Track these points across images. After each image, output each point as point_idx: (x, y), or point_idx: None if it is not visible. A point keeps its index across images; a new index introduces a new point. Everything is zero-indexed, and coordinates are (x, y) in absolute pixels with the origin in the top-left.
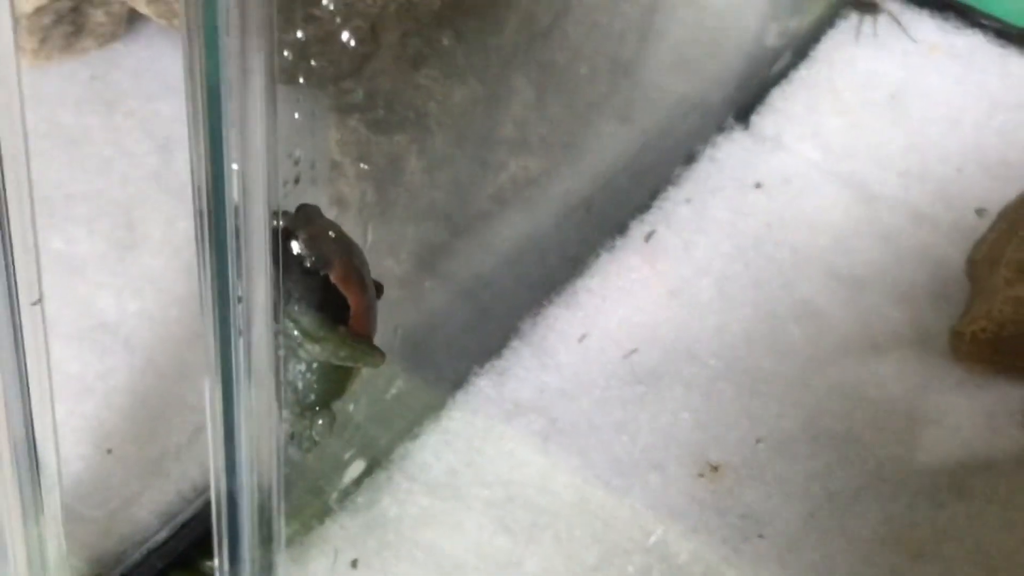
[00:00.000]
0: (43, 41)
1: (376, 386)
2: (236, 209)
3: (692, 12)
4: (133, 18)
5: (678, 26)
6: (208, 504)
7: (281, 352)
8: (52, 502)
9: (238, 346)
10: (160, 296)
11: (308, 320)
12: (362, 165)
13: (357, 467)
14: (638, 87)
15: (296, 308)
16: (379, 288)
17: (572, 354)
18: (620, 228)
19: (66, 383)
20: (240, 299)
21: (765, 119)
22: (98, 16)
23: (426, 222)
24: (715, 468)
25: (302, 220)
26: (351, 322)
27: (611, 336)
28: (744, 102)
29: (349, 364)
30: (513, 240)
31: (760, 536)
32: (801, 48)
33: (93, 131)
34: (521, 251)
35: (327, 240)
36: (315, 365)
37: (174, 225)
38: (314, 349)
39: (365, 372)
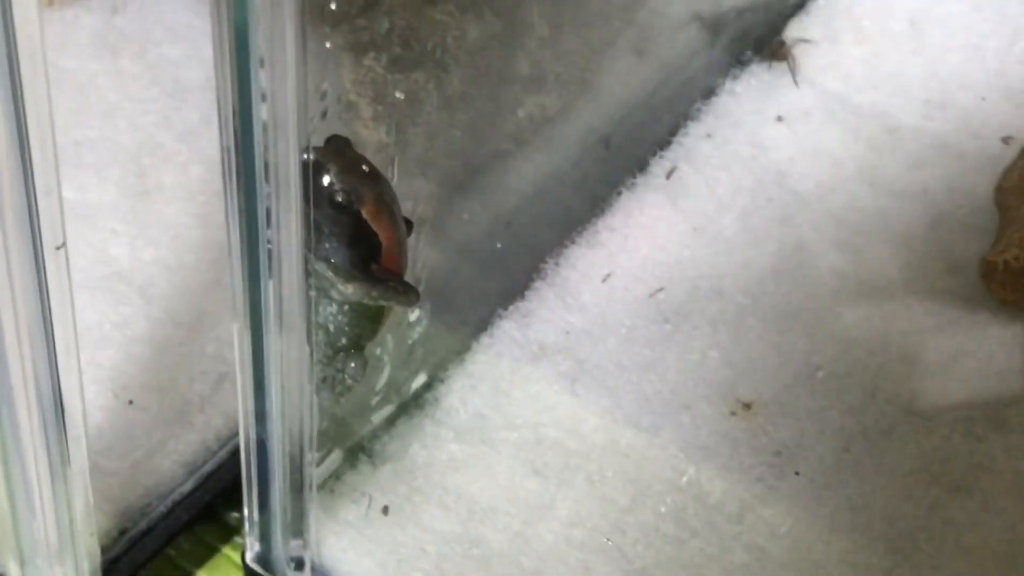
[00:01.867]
0: None
1: (400, 330)
2: (265, 145)
3: None
4: None
5: None
6: (233, 454)
7: (312, 293)
8: (79, 454)
9: (268, 289)
10: (175, 244)
11: (339, 257)
12: (378, 105)
13: (385, 411)
14: (653, 20)
15: (327, 246)
16: (409, 225)
17: (596, 294)
18: (640, 165)
19: (83, 333)
20: (269, 240)
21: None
22: None
23: (444, 162)
24: (747, 406)
25: (332, 153)
26: (383, 259)
27: (635, 275)
28: (762, 33)
29: (382, 303)
30: (532, 180)
31: (796, 473)
32: None
33: (98, 77)
34: (541, 191)
35: (359, 173)
36: (346, 306)
37: (186, 171)
38: (346, 289)
39: (393, 314)
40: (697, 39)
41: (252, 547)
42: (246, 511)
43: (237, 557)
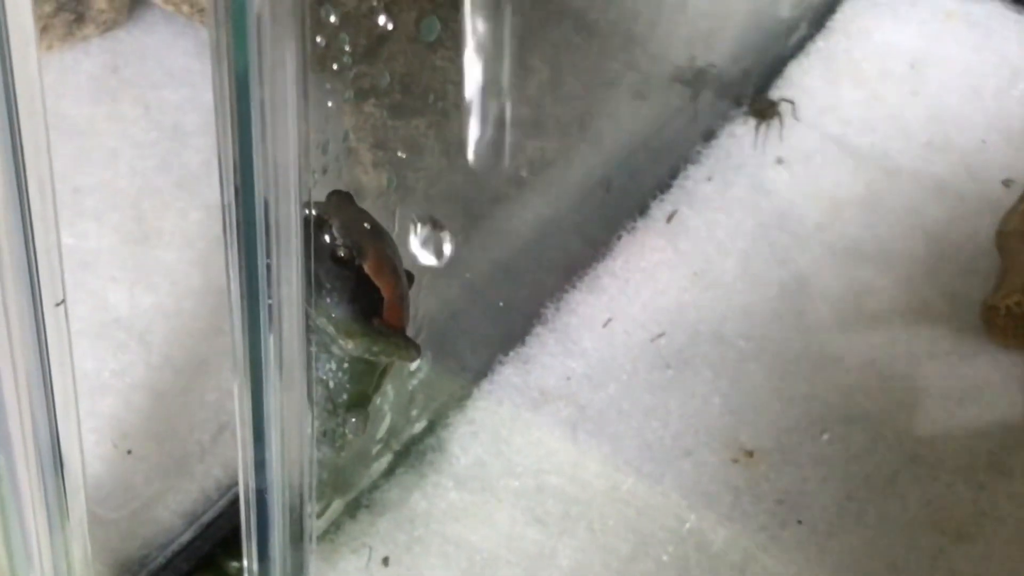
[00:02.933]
0: (44, 30)
1: (400, 378)
2: (266, 201)
3: None
4: (135, 4)
5: (692, 0)
6: (233, 503)
7: (312, 349)
8: (77, 506)
9: (268, 343)
10: (174, 290)
11: (341, 313)
12: (379, 151)
13: (385, 460)
14: (653, 63)
15: (328, 301)
16: (410, 278)
17: (597, 339)
18: (641, 209)
19: (82, 381)
20: (270, 296)
21: (783, 93)
22: (99, 3)
23: (445, 208)
24: (749, 453)
25: (334, 207)
26: (385, 314)
27: (636, 320)
28: (761, 76)
29: (383, 359)
30: (533, 224)
31: (799, 522)
32: (817, 19)
33: (98, 121)
34: (541, 235)
35: (360, 228)
36: (347, 362)
37: (185, 216)
38: (347, 345)
39: (394, 365)
40: (697, 81)
41: None
42: (245, 562)
43: None
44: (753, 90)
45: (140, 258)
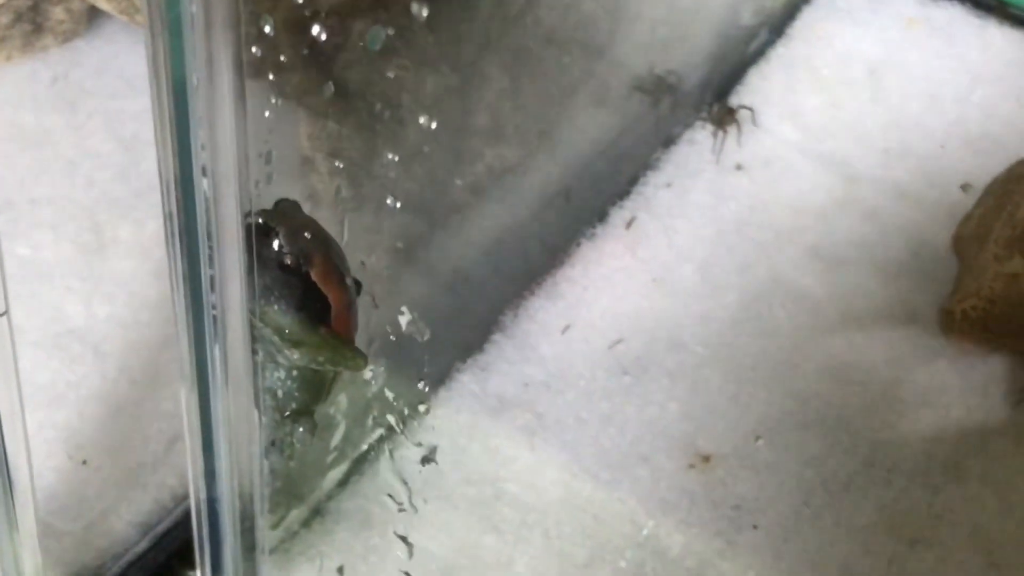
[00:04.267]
0: (2, 41)
1: (356, 385)
2: (207, 209)
3: None
4: (94, 15)
5: (651, 7)
6: (188, 513)
7: (259, 357)
8: (27, 517)
9: (214, 353)
10: (131, 300)
11: (287, 321)
12: (335, 160)
13: (340, 469)
14: (612, 71)
15: (274, 309)
16: (358, 286)
17: (555, 346)
18: (600, 215)
19: (36, 393)
20: (214, 305)
21: (743, 99)
22: (58, 13)
23: (402, 216)
24: (706, 459)
25: (280, 216)
26: (332, 322)
27: (594, 326)
28: (721, 82)
29: (330, 368)
30: (491, 231)
31: (754, 527)
32: (777, 25)
33: (56, 132)
34: (500, 242)
35: (307, 236)
36: (295, 371)
37: (143, 227)
38: (293, 354)
39: (346, 374)
40: (657, 89)
41: None
42: (199, 572)
43: None
44: (713, 97)
45: (97, 269)
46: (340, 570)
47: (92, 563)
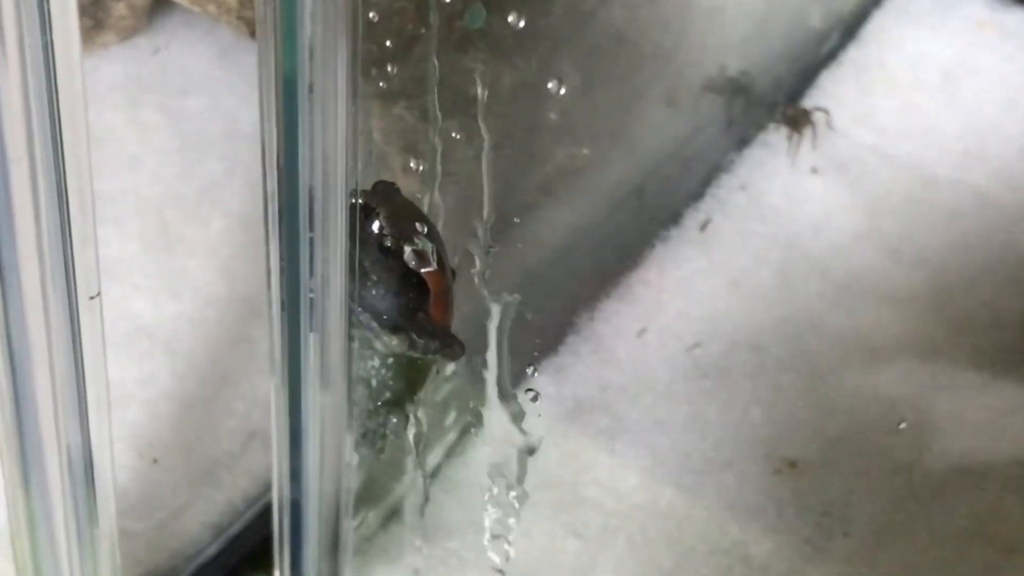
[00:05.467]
0: None
1: (434, 385)
2: (311, 188)
3: None
4: (155, 10)
5: (722, 10)
6: (261, 515)
7: (355, 345)
8: (107, 513)
9: (308, 341)
10: (197, 298)
11: (386, 306)
12: (408, 156)
13: (418, 469)
14: (683, 71)
15: (373, 294)
16: (453, 274)
17: (632, 349)
18: (674, 218)
19: None
20: (312, 290)
21: (816, 102)
22: (119, 9)
23: (474, 214)
24: (792, 464)
25: (381, 196)
26: (430, 309)
27: (671, 330)
28: (793, 85)
29: (427, 356)
30: (563, 232)
31: (845, 534)
32: (849, 28)
33: (118, 129)
34: (572, 243)
35: (408, 218)
36: (390, 359)
37: (208, 225)
38: (391, 340)
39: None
40: (729, 90)
41: None
42: (277, 574)
43: None
44: (785, 99)
45: (163, 266)
46: (416, 573)
47: (164, 564)
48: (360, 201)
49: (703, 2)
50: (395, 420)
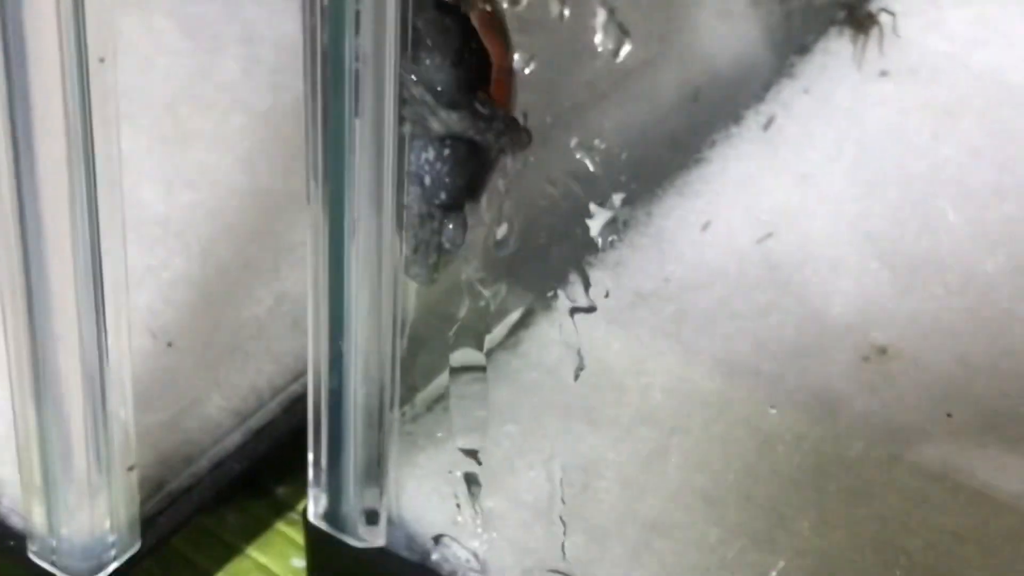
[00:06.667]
0: None
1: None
2: None
3: None
4: None
5: None
6: (285, 409)
7: (407, 129)
8: (119, 372)
9: (353, 131)
10: (215, 189)
11: (443, 77)
12: None
13: (466, 354)
14: None
15: (428, 63)
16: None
17: (696, 243)
18: (734, 118)
19: None
20: (357, 56)
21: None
22: None
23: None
24: (882, 350)
25: None
26: (492, 87)
27: (738, 223)
28: (849, 6)
29: (490, 140)
30: (613, 129)
31: (948, 415)
32: None
33: (128, 32)
34: (624, 141)
35: None
36: (447, 150)
37: (227, 120)
38: (449, 117)
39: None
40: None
41: (318, 501)
42: (312, 456)
43: (291, 532)
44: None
45: (177, 158)
46: (473, 454)
47: (182, 450)
48: None
49: None
50: (452, 226)
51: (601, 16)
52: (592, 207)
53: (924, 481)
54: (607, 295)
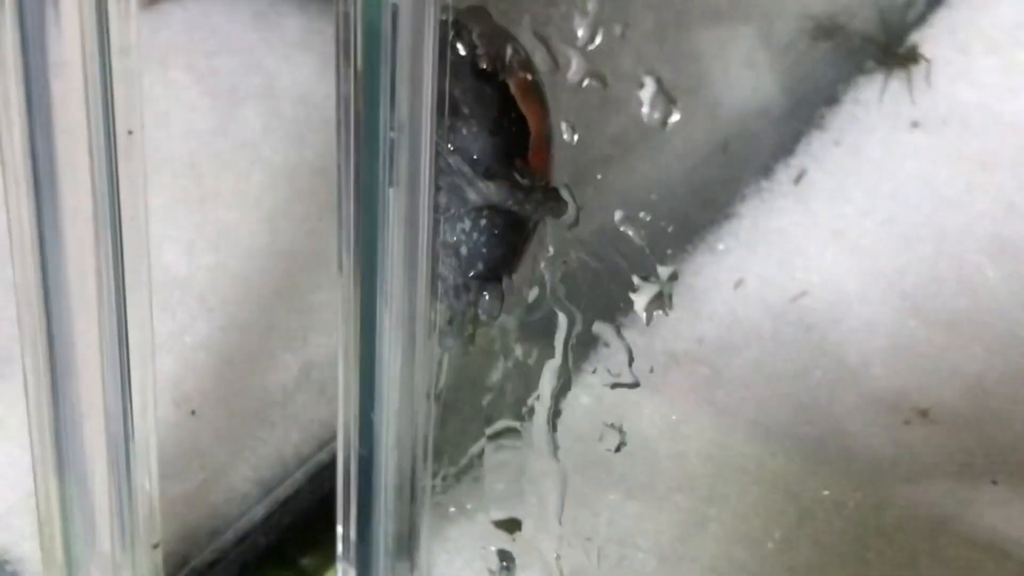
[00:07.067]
0: None
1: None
2: (394, 5)
3: None
4: None
5: None
6: (311, 479)
7: (443, 199)
8: (145, 445)
9: (387, 199)
10: (237, 250)
11: (480, 147)
12: None
13: (499, 423)
14: (767, 23)
15: (465, 132)
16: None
17: (728, 301)
18: (764, 171)
19: None
20: (392, 127)
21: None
22: None
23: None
24: (923, 413)
25: (474, 14)
26: (530, 154)
27: (771, 281)
28: (882, 44)
29: (527, 211)
30: (642, 187)
31: (993, 482)
32: None
33: (147, 87)
34: (652, 198)
35: (505, 38)
36: (483, 220)
37: (248, 178)
38: (488, 188)
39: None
40: (815, 47)
41: (346, 574)
42: (340, 529)
43: None
44: (874, 57)
45: (197, 217)
46: (506, 525)
47: (206, 523)
48: (451, 18)
49: None
50: (488, 297)
51: (649, 88)
52: (635, 280)
53: (970, 551)
54: (652, 370)
